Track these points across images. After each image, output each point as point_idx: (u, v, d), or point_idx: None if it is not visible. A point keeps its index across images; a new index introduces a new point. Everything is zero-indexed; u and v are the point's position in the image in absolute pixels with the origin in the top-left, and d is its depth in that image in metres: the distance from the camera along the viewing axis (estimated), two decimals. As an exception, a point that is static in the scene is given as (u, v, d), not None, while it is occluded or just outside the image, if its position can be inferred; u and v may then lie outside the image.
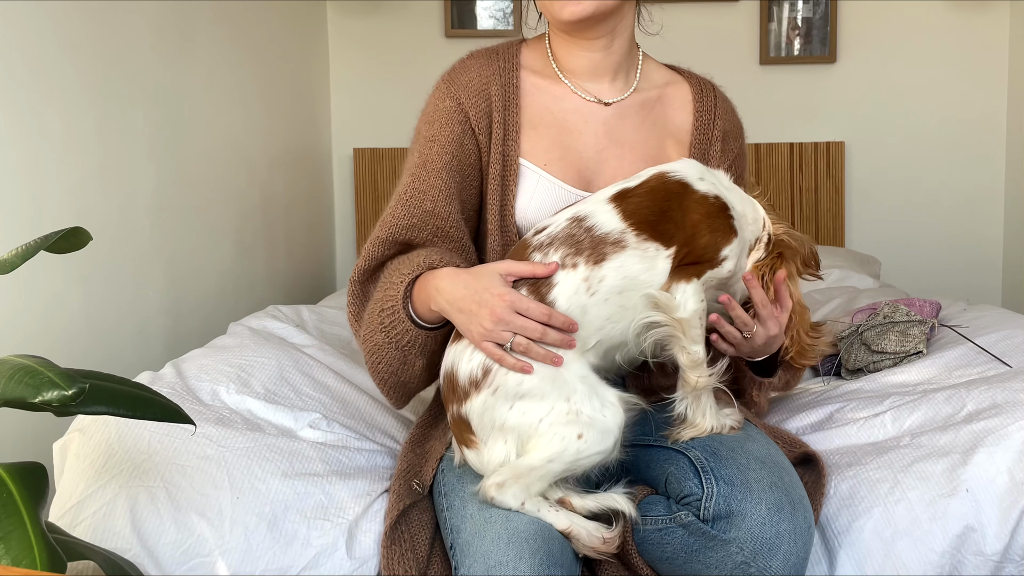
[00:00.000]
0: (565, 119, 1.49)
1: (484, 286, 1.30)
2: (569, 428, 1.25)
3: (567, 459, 1.25)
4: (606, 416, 1.27)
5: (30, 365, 0.98)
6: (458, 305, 1.32)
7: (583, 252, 1.30)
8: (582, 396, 1.27)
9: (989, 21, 3.39)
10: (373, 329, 1.42)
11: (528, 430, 1.27)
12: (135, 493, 1.38)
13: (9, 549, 0.90)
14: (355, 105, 3.54)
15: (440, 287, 1.34)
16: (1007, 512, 1.32)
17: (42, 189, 1.81)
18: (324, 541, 1.36)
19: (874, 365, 1.82)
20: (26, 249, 1.10)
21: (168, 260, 2.27)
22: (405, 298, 1.38)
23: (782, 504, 1.22)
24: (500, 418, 1.28)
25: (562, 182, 1.46)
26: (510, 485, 1.25)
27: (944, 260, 3.48)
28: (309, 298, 3.12)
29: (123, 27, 2.09)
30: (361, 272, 1.47)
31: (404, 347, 1.40)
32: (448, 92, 1.48)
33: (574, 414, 1.26)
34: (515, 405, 1.28)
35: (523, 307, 1.28)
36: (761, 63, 3.41)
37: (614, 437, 1.27)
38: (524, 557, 1.19)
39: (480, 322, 1.29)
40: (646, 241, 1.29)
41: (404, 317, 1.38)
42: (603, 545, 1.26)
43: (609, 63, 1.50)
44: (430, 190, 1.43)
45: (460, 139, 1.45)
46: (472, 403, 1.31)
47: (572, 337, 1.29)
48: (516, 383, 1.28)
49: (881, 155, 3.47)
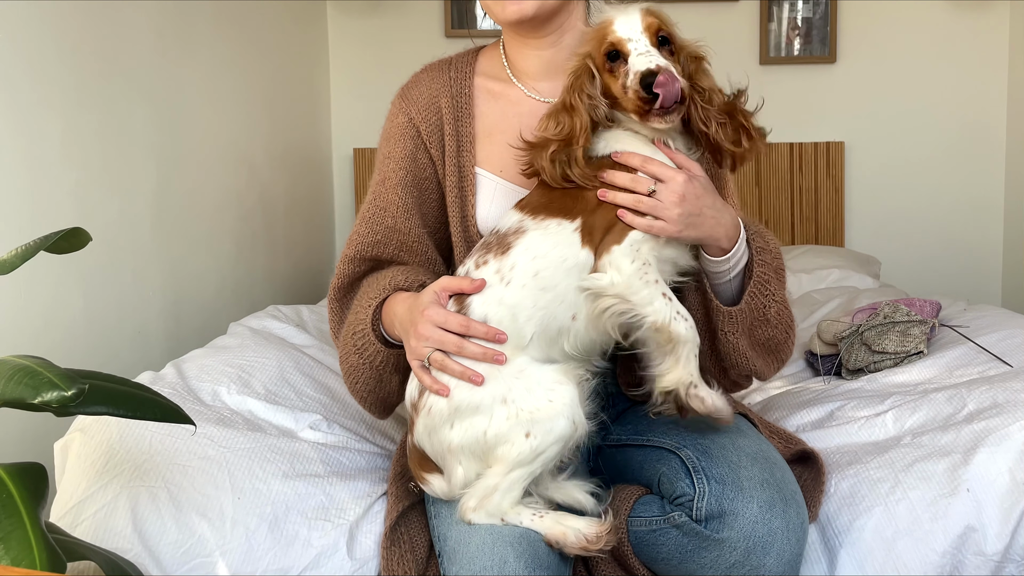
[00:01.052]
0: (521, 123, 1.46)
1: (417, 304, 1.32)
2: (515, 431, 1.23)
3: (524, 462, 1.23)
4: (553, 401, 1.23)
5: (30, 366, 0.98)
6: (402, 327, 1.35)
7: (492, 250, 1.30)
8: (520, 392, 1.24)
9: (989, 21, 3.39)
10: (348, 351, 1.45)
11: (478, 446, 1.24)
12: (136, 493, 1.38)
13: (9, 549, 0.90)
14: (355, 105, 3.54)
15: (396, 311, 1.38)
16: (1008, 512, 1.32)
17: (42, 190, 1.81)
18: (325, 542, 1.36)
19: (875, 365, 1.82)
20: (26, 249, 1.10)
21: (168, 260, 2.27)
22: (375, 321, 1.41)
23: (774, 501, 1.22)
24: (445, 440, 1.26)
25: (519, 187, 1.45)
26: (483, 506, 1.24)
27: (944, 260, 3.48)
28: (309, 298, 3.12)
29: (123, 28, 2.08)
30: (336, 290, 1.51)
31: (378, 367, 1.43)
32: (400, 108, 1.51)
33: (514, 415, 1.23)
34: (455, 424, 1.26)
35: (440, 320, 1.27)
36: (761, 63, 3.41)
37: (566, 418, 1.23)
38: (509, 561, 1.19)
39: (409, 340, 1.31)
40: (544, 219, 1.28)
41: (374, 339, 1.41)
42: (591, 544, 1.23)
43: (559, 59, 1.46)
44: (389, 207, 1.47)
45: (413, 154, 1.48)
46: (416, 429, 1.30)
47: (498, 351, 1.25)
48: (446, 400, 1.26)
49: (881, 155, 3.47)
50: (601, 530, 1.24)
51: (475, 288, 1.28)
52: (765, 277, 1.38)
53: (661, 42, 1.25)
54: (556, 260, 1.26)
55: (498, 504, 1.24)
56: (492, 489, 1.24)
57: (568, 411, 1.24)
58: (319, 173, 3.46)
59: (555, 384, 1.25)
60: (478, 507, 1.24)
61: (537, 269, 1.26)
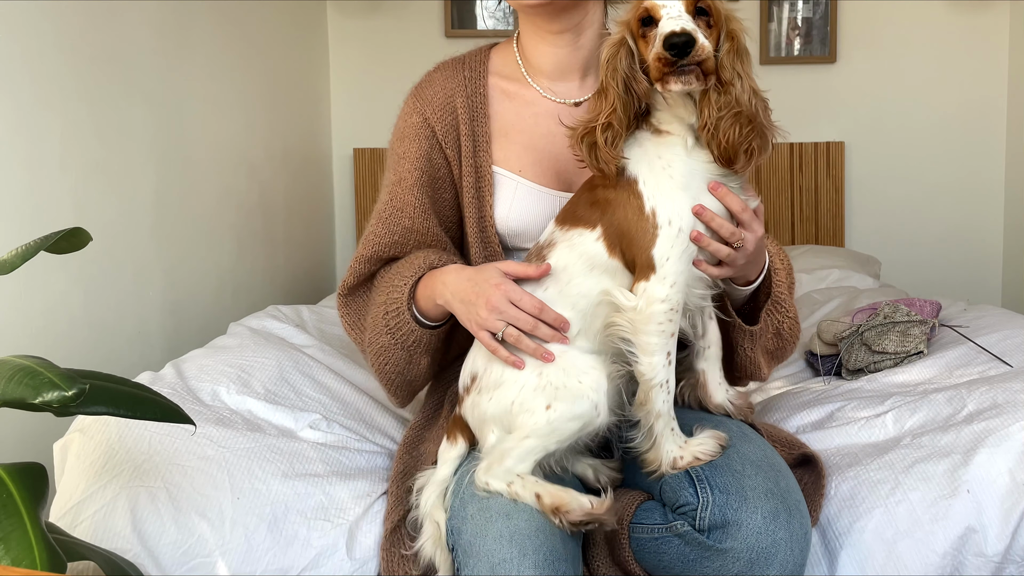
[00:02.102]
0: (536, 123, 1.49)
1: (485, 278, 1.33)
2: (537, 401, 1.26)
3: (540, 432, 1.25)
4: (582, 382, 1.26)
5: (30, 366, 0.98)
6: (460, 296, 1.35)
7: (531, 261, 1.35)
8: (556, 369, 1.27)
9: (989, 21, 3.39)
10: (378, 332, 1.45)
11: (506, 415, 1.28)
12: (136, 493, 1.38)
13: (9, 549, 0.90)
14: (355, 105, 3.54)
15: (447, 280, 1.38)
16: (1008, 513, 1.32)
17: (42, 189, 1.81)
18: (324, 542, 1.36)
19: (875, 365, 1.82)
20: (26, 249, 1.09)
21: (168, 260, 2.27)
22: (410, 299, 1.42)
23: (778, 512, 1.21)
24: (482, 411, 1.31)
25: (541, 186, 1.46)
26: (495, 467, 1.26)
27: (944, 260, 3.48)
28: (309, 298, 3.12)
29: (123, 27, 2.08)
30: (349, 288, 1.53)
31: (410, 347, 1.44)
32: (415, 108, 1.50)
33: (542, 387, 1.26)
34: (492, 395, 1.30)
35: (516, 298, 1.30)
36: (761, 63, 3.41)
37: (590, 401, 1.25)
38: (528, 554, 1.19)
39: (477, 311, 1.32)
40: (570, 230, 1.30)
41: (409, 318, 1.41)
42: (594, 511, 1.23)
43: (576, 60, 1.48)
44: (406, 207, 1.47)
45: (428, 154, 1.48)
46: (465, 404, 1.34)
47: (564, 336, 1.29)
48: (495, 375, 1.30)
49: (881, 155, 3.47)
50: (603, 503, 1.24)
51: (541, 273, 1.31)
52: (780, 296, 1.43)
53: (698, 12, 1.21)
54: (583, 269, 1.29)
55: (509, 468, 1.25)
56: (506, 453, 1.25)
57: (593, 394, 1.25)
58: (319, 173, 3.46)
59: (589, 368, 1.27)
60: (491, 466, 1.26)
61: (570, 278, 1.29)
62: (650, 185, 1.25)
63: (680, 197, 1.24)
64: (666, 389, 1.25)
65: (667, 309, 1.23)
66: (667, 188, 1.25)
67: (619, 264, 1.26)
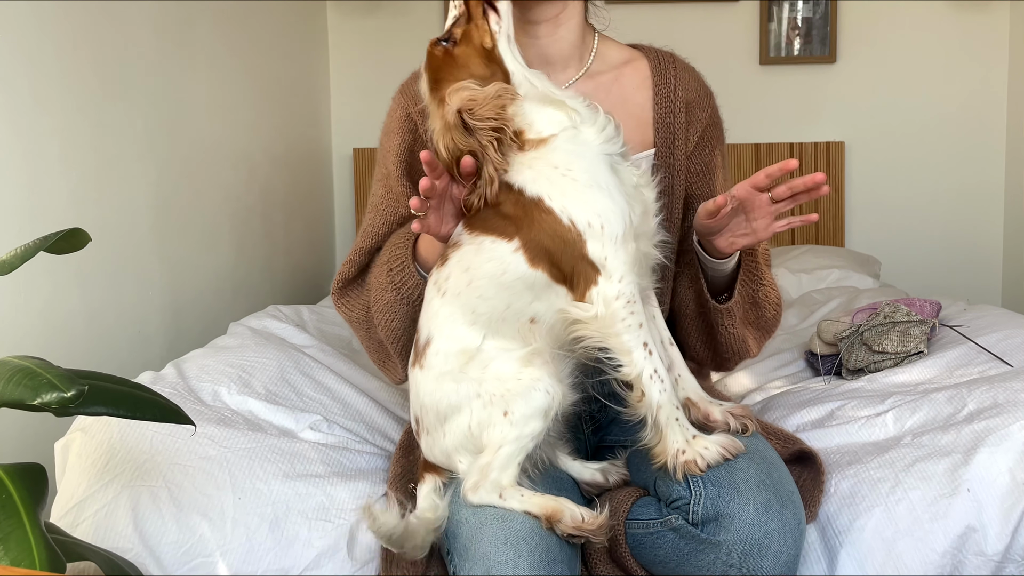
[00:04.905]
0: None
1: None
2: (493, 413, 1.24)
3: (511, 438, 1.24)
4: (522, 379, 1.25)
5: (29, 367, 0.98)
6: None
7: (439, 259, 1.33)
8: (490, 382, 1.25)
9: (989, 21, 3.38)
10: (383, 289, 1.47)
11: (468, 440, 1.27)
12: (137, 493, 1.38)
13: (8, 550, 0.90)
14: (355, 105, 3.54)
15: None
16: (1008, 512, 1.32)
17: (41, 190, 1.81)
18: (325, 542, 1.36)
19: (875, 365, 1.82)
20: (25, 250, 1.09)
21: (168, 260, 2.27)
22: (412, 255, 1.45)
23: (770, 503, 1.21)
24: (442, 447, 1.30)
25: None
26: (481, 483, 1.25)
27: (944, 260, 3.48)
28: (309, 298, 3.12)
29: (123, 28, 2.08)
30: (347, 280, 1.56)
31: (415, 302, 1.44)
32: (399, 103, 1.55)
33: (489, 401, 1.25)
34: (444, 429, 1.29)
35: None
36: (761, 63, 3.41)
37: (539, 390, 1.24)
38: (523, 556, 1.19)
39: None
40: (479, 236, 1.27)
41: (413, 272, 1.44)
42: (584, 526, 1.22)
43: (555, 52, 1.49)
44: (400, 197, 1.52)
45: (411, 147, 1.52)
46: (423, 447, 1.34)
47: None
48: (434, 413, 1.29)
49: (881, 155, 3.46)
50: (596, 519, 1.23)
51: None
52: (752, 264, 1.46)
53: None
54: (491, 273, 1.25)
55: (496, 480, 1.25)
56: (487, 467, 1.25)
57: (539, 384, 1.25)
58: (319, 173, 3.46)
59: (520, 368, 1.26)
60: (477, 484, 1.25)
61: (471, 279, 1.27)
62: (557, 199, 1.23)
63: (591, 195, 1.23)
64: (658, 378, 1.22)
65: (624, 303, 1.22)
66: (574, 192, 1.23)
67: (544, 276, 1.23)
